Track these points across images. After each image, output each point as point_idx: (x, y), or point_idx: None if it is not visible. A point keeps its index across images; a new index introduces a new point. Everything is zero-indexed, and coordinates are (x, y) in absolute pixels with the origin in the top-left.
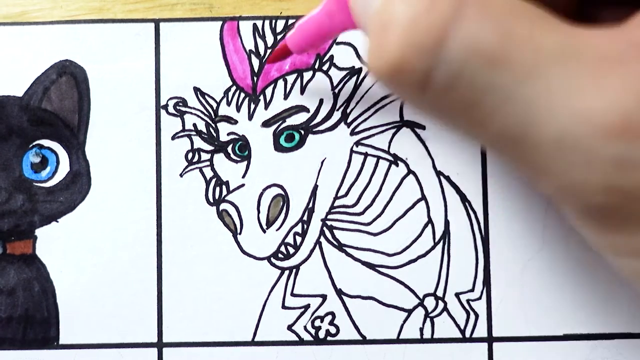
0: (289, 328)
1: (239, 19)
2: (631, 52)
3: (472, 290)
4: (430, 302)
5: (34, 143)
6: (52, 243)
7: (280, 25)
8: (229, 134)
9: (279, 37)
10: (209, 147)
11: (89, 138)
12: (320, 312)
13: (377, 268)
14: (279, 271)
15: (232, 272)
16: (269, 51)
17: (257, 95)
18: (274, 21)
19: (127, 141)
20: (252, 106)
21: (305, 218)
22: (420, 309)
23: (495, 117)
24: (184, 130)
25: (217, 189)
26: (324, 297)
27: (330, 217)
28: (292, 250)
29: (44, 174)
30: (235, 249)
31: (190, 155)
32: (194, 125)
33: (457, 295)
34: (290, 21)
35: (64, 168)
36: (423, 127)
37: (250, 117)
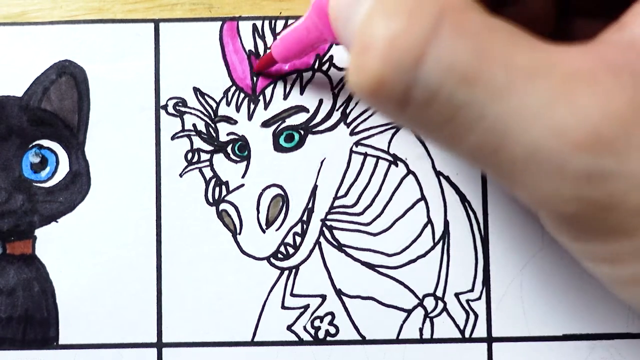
0: (289, 328)
1: (238, 19)
2: (600, 69)
3: (472, 290)
4: (429, 302)
5: (34, 143)
6: (52, 243)
7: (280, 25)
8: (228, 134)
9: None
10: (209, 147)
11: (88, 138)
12: (320, 312)
13: (377, 268)
14: (279, 271)
15: (231, 272)
16: (269, 52)
17: (256, 95)
18: (273, 21)
19: (126, 141)
20: (252, 106)
21: (305, 218)
22: (420, 309)
23: (470, 132)
24: (183, 130)
25: (217, 189)
26: (323, 297)
27: (329, 217)
28: (291, 251)
29: (44, 174)
30: (235, 249)
31: (189, 156)
32: (194, 125)
33: (457, 295)
34: (290, 21)
35: (64, 168)
36: None
37: (250, 117)
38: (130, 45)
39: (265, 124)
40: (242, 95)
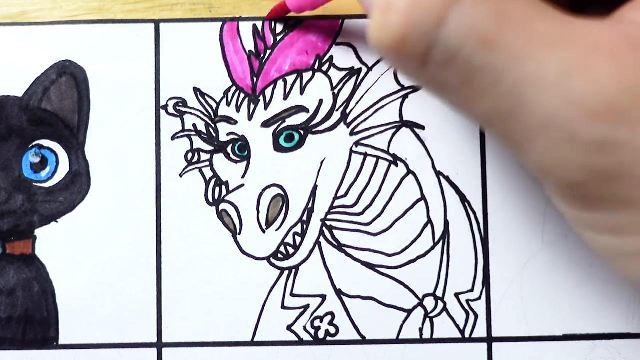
0: (289, 328)
1: (239, 19)
2: (619, 44)
3: (472, 290)
4: (429, 302)
5: (34, 143)
6: (52, 243)
7: (280, 25)
8: (228, 134)
9: (279, 38)
10: (209, 148)
11: (88, 138)
12: (320, 312)
13: (377, 268)
14: (279, 271)
15: (231, 272)
16: (269, 52)
17: (256, 95)
18: (273, 22)
19: (126, 141)
20: (252, 106)
21: (305, 218)
22: (420, 309)
23: (486, 96)
24: (183, 130)
25: (217, 189)
26: (323, 298)
27: (329, 217)
28: (291, 251)
29: (44, 174)
30: (235, 249)
31: (190, 156)
32: (194, 125)
33: (457, 295)
34: (290, 22)
35: (64, 168)
36: (423, 127)
37: (250, 117)
38: (130, 45)
39: (266, 124)
40: (242, 95)
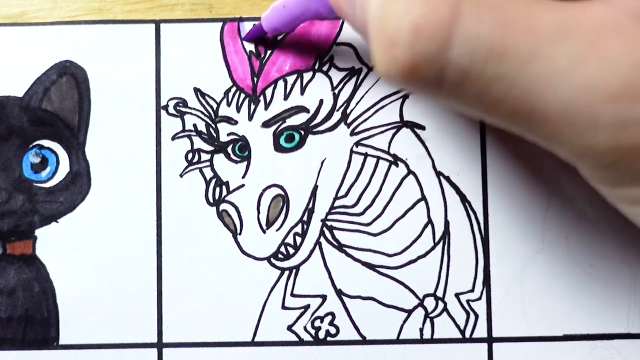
0: (289, 328)
1: (239, 20)
2: (624, 19)
3: (472, 290)
4: (430, 303)
5: (34, 143)
6: (52, 243)
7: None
8: (229, 135)
9: (279, 38)
10: (209, 148)
11: (89, 138)
12: (320, 313)
13: (377, 268)
14: (279, 271)
15: (232, 272)
16: (269, 52)
17: (257, 95)
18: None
19: (127, 141)
20: (252, 107)
21: (305, 218)
22: (420, 309)
23: (505, 101)
24: (184, 130)
25: (217, 189)
26: (323, 298)
27: (330, 217)
28: (292, 251)
29: (44, 174)
30: (235, 249)
31: (190, 156)
32: (194, 125)
33: (457, 295)
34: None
35: (64, 168)
36: (423, 127)
37: (250, 117)
38: (130, 45)
39: (266, 124)
40: (242, 95)
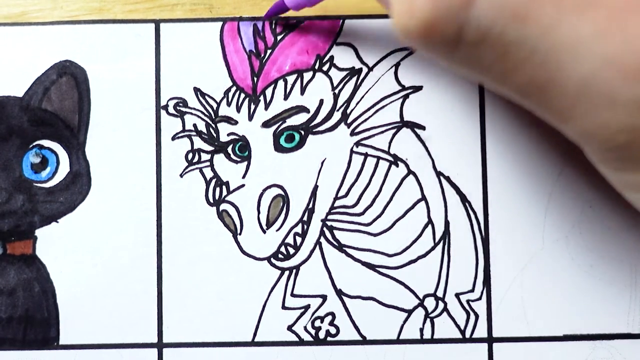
0: (289, 328)
1: (239, 19)
2: None
3: (472, 290)
4: (430, 303)
5: (34, 143)
6: (52, 243)
7: (280, 26)
8: (229, 135)
9: (279, 38)
10: (209, 148)
11: (89, 138)
12: (321, 313)
13: (377, 268)
14: (279, 271)
15: (232, 272)
16: (269, 52)
17: (257, 95)
18: (274, 22)
19: (127, 141)
20: (252, 107)
21: (306, 218)
22: (421, 309)
23: (523, 67)
24: (184, 130)
25: (217, 189)
26: (324, 298)
27: (330, 217)
28: (292, 251)
29: (44, 174)
30: (235, 249)
31: (190, 156)
32: (194, 125)
33: (457, 295)
34: (291, 22)
35: (64, 168)
36: (423, 127)
37: (251, 117)
38: (130, 45)
39: (266, 124)
40: (242, 95)
